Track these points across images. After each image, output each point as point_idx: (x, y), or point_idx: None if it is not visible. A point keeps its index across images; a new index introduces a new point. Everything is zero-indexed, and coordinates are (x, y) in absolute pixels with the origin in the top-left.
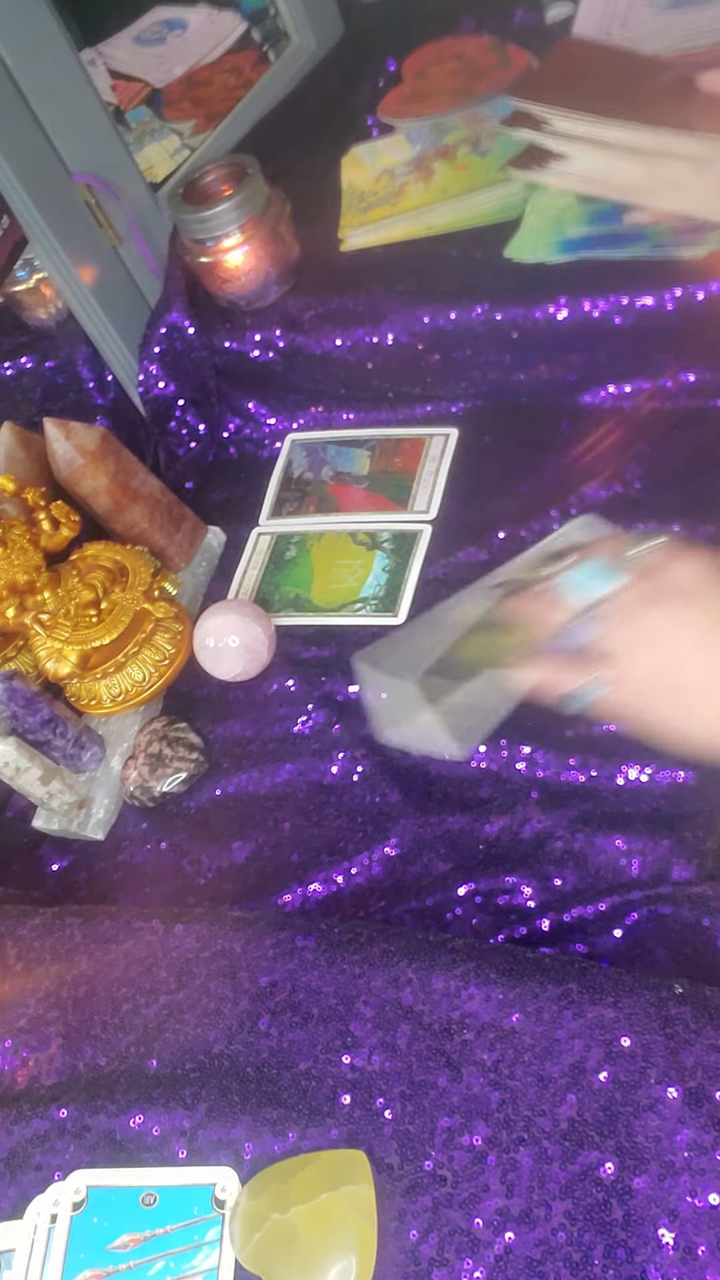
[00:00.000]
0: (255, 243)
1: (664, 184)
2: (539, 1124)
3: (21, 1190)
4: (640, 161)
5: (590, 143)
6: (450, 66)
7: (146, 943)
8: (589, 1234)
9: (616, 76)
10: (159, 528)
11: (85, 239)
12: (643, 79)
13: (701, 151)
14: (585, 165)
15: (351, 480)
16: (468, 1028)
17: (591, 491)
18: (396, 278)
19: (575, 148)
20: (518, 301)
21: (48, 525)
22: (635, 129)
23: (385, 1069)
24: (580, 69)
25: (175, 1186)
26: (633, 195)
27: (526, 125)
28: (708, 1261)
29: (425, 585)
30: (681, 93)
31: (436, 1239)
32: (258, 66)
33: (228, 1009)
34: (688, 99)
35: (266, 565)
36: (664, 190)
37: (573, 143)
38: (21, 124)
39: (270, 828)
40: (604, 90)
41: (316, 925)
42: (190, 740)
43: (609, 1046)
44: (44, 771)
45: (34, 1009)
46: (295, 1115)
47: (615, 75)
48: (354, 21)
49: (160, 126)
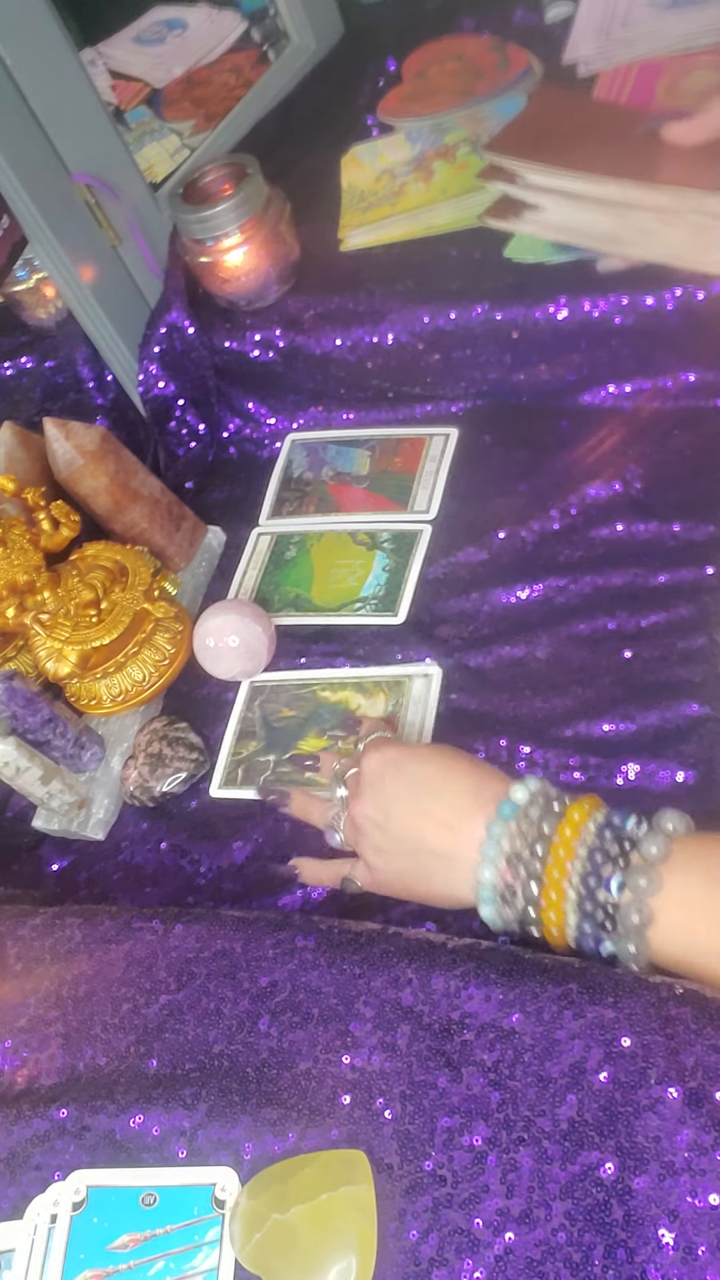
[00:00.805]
0: (255, 243)
1: (634, 233)
2: (539, 1124)
3: (21, 1190)
4: (610, 213)
5: (561, 194)
6: (450, 66)
7: (146, 943)
8: (589, 1234)
9: (588, 129)
10: (159, 528)
11: (85, 239)
12: (614, 131)
13: (668, 203)
14: (558, 216)
15: (351, 480)
16: (468, 1028)
17: (592, 491)
18: (396, 278)
19: (548, 199)
20: (518, 301)
21: (48, 525)
22: (603, 182)
23: (385, 1069)
24: (554, 121)
25: (175, 1186)
26: (605, 244)
27: (500, 178)
28: (708, 1262)
29: (425, 585)
30: (650, 144)
31: (436, 1239)
32: (258, 66)
33: (228, 1009)
34: (656, 150)
35: (266, 565)
36: (636, 238)
37: (545, 194)
38: (21, 124)
39: (270, 828)
40: (575, 143)
41: (316, 925)
42: (190, 740)
43: (609, 1046)
44: (44, 771)
45: (34, 1009)
46: (295, 1115)
47: (587, 128)
48: (354, 21)
49: (160, 126)
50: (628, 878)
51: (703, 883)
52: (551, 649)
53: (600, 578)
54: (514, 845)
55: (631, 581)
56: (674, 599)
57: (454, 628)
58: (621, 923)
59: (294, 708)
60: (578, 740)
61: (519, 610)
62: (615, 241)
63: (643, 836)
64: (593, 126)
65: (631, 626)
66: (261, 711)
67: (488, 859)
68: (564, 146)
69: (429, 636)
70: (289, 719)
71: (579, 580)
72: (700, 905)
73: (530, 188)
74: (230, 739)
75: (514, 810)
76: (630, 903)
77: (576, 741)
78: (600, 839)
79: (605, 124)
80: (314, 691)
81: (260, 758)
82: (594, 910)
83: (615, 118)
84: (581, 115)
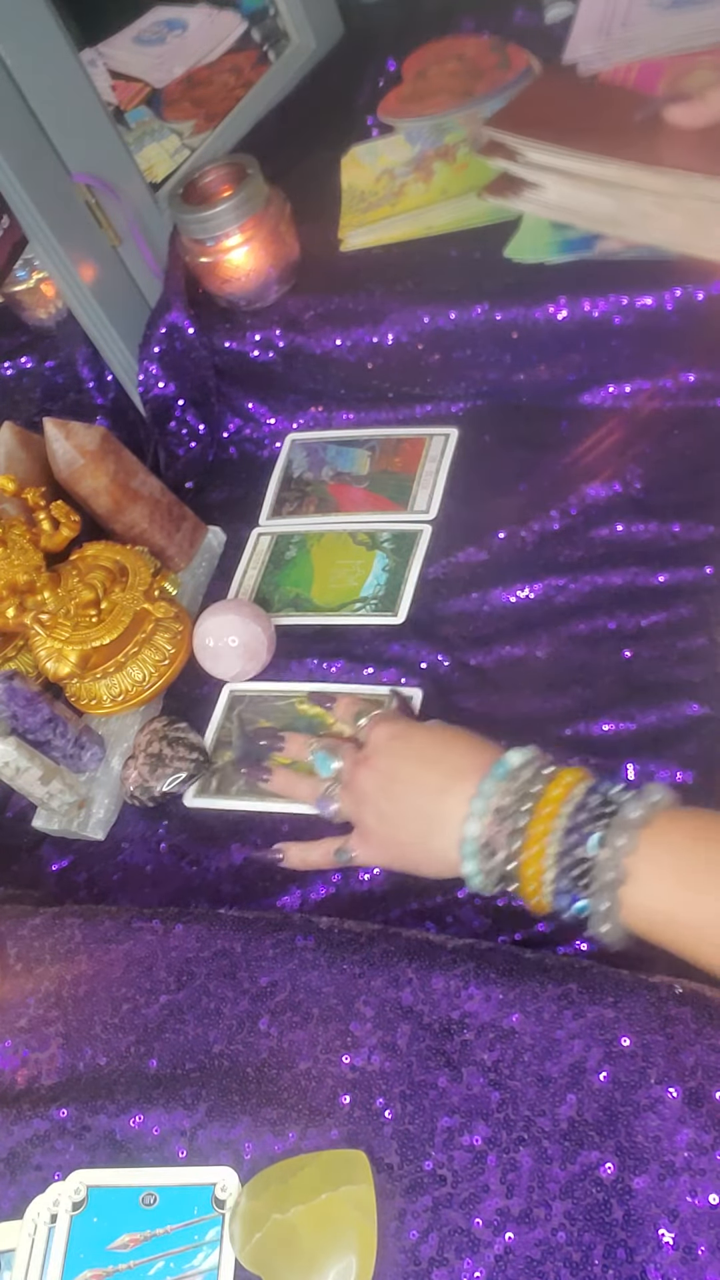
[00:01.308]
0: (255, 243)
1: (633, 215)
2: (539, 1124)
3: (21, 1190)
4: (609, 194)
5: (561, 174)
6: (450, 66)
7: (146, 943)
8: (589, 1234)
9: (591, 109)
10: (159, 528)
11: (85, 239)
12: (617, 112)
13: (668, 186)
14: (556, 195)
15: (351, 480)
16: (468, 1028)
17: (591, 491)
18: (396, 278)
19: (547, 178)
20: (518, 301)
21: (48, 525)
22: (604, 162)
23: (385, 1069)
24: (557, 100)
25: (175, 1186)
26: (604, 225)
27: (501, 155)
28: (708, 1262)
29: (425, 585)
30: (652, 127)
31: (436, 1239)
32: (258, 66)
33: (228, 1009)
34: (657, 133)
35: (266, 565)
36: (634, 222)
37: (545, 173)
38: (21, 124)
39: (270, 828)
40: (577, 123)
41: (316, 925)
42: (190, 740)
43: (609, 1046)
44: (44, 771)
45: (34, 1009)
46: (295, 1115)
47: (590, 108)
48: (354, 21)
49: (160, 126)
50: (607, 835)
51: (680, 847)
52: (551, 649)
53: (600, 578)
54: (502, 801)
55: (631, 581)
56: (674, 599)
57: (454, 628)
58: (597, 878)
59: (271, 718)
60: (578, 740)
61: (519, 610)
62: (614, 224)
63: (627, 800)
64: (595, 107)
65: (631, 626)
66: (239, 721)
67: (475, 813)
68: (566, 125)
69: (429, 636)
70: (265, 730)
71: (579, 580)
72: (674, 869)
73: (530, 165)
74: (209, 747)
75: (507, 771)
76: (607, 859)
77: (576, 741)
78: (586, 800)
79: (608, 105)
80: (293, 704)
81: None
82: (571, 866)
83: (618, 99)
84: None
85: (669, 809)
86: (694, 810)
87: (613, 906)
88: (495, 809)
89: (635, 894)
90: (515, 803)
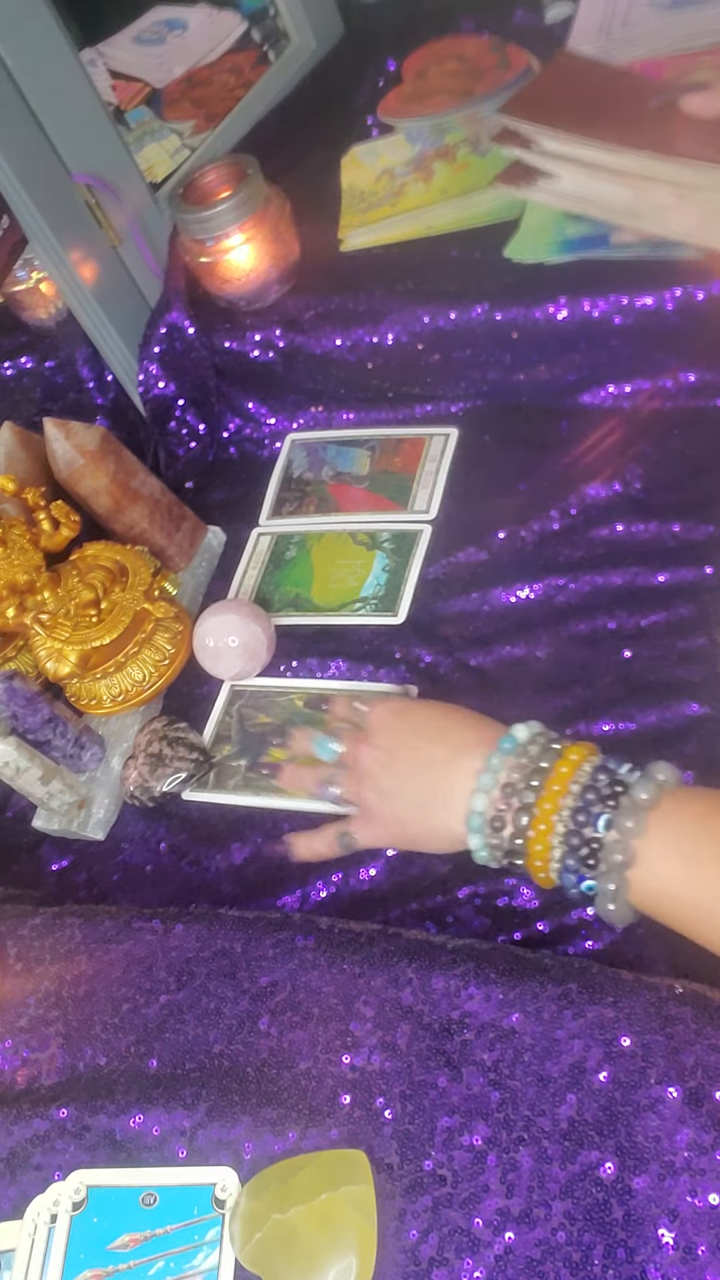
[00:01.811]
0: (255, 243)
1: (649, 207)
2: (539, 1124)
3: (21, 1190)
4: (625, 184)
5: (577, 163)
6: (450, 66)
7: (146, 943)
8: (589, 1234)
9: (606, 97)
10: (159, 528)
11: (85, 239)
12: (632, 100)
13: (684, 177)
14: (571, 184)
15: (351, 480)
16: (468, 1028)
17: (591, 491)
18: (396, 278)
19: (562, 167)
20: (518, 301)
21: (48, 525)
22: (620, 152)
23: (385, 1069)
24: (572, 87)
25: (175, 1186)
26: (619, 216)
27: (514, 143)
28: (708, 1261)
29: (425, 585)
30: (668, 116)
31: (436, 1239)
32: (258, 66)
33: (228, 1009)
34: (673, 123)
35: (266, 565)
36: (650, 213)
37: (559, 162)
38: (21, 124)
39: (270, 828)
40: (592, 111)
41: (316, 925)
42: (190, 740)
43: (609, 1046)
44: (44, 771)
45: (34, 1009)
46: (295, 1115)
47: (605, 95)
48: (354, 21)
49: (160, 126)
50: (616, 817)
51: (687, 831)
52: (551, 649)
53: (600, 578)
54: (510, 776)
55: (631, 581)
56: (674, 599)
57: (454, 628)
58: (604, 860)
59: (270, 714)
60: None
61: (519, 610)
62: (630, 215)
63: (635, 781)
64: (611, 94)
65: (631, 626)
66: (238, 716)
67: (482, 788)
68: (581, 113)
69: (429, 636)
70: (264, 725)
71: (579, 580)
72: (680, 852)
73: (545, 154)
74: (208, 742)
75: (514, 745)
76: (615, 841)
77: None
78: (594, 779)
79: (623, 93)
80: (292, 700)
81: (232, 762)
82: (579, 846)
83: (633, 87)
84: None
85: (675, 789)
86: (700, 790)
87: (620, 887)
88: (503, 784)
89: (642, 876)
90: (523, 778)
